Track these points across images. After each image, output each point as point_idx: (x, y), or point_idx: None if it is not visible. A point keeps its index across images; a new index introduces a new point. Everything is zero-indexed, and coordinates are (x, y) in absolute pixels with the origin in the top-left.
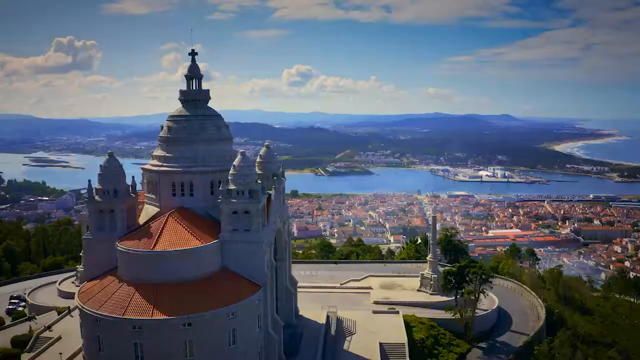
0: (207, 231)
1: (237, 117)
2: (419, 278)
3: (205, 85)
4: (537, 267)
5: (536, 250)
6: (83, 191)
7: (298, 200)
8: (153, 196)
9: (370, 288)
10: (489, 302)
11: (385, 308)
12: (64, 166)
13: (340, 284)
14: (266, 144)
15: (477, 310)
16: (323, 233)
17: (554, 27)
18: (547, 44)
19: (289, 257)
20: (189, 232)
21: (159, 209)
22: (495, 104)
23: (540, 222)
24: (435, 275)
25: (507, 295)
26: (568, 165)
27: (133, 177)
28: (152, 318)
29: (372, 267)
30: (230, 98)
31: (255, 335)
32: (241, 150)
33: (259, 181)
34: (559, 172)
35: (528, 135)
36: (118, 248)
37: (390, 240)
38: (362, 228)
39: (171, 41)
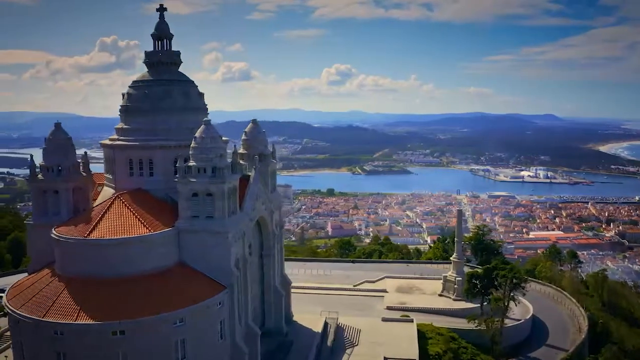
0: (163, 217)
1: (275, 116)
2: (442, 279)
3: (244, 85)
4: (579, 270)
5: (578, 253)
6: None
7: (334, 199)
8: (110, 176)
9: (384, 291)
10: (521, 310)
11: (398, 315)
12: (103, 163)
13: (353, 286)
14: (253, 119)
15: (507, 320)
16: (358, 232)
17: (598, 25)
18: (590, 42)
19: (279, 252)
20: (137, 217)
21: (114, 192)
22: (538, 103)
23: (583, 224)
24: (460, 278)
25: (544, 303)
26: (613, 166)
27: (86, 152)
28: (76, 322)
29: (392, 267)
30: (269, 97)
31: (215, 347)
32: (205, 119)
33: (245, 160)
34: (604, 173)
35: (572, 135)
36: (52, 235)
37: (427, 241)
38: (399, 228)
39: (212, 41)
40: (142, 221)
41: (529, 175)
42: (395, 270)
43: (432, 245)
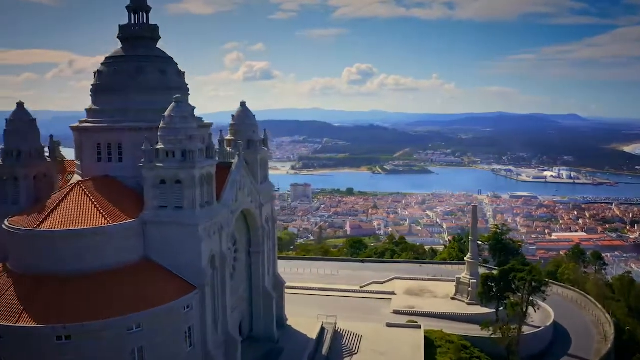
0: (129, 208)
1: (296, 116)
2: (455, 282)
3: (266, 85)
4: (604, 273)
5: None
6: None
7: (353, 198)
8: (78, 162)
9: (392, 293)
10: (541, 316)
11: (405, 320)
12: None
13: (360, 287)
14: (242, 101)
15: (525, 327)
16: (377, 232)
17: (623, 25)
18: (615, 41)
19: (271, 250)
20: (96, 207)
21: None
22: (561, 103)
23: (607, 226)
24: (474, 281)
25: (566, 308)
26: (638, 167)
27: (51, 136)
28: (16, 325)
29: (404, 268)
30: (290, 97)
31: (180, 357)
32: (177, 96)
33: (233, 147)
34: (628, 174)
35: (595, 135)
36: (3, 226)
37: (447, 241)
38: (418, 228)
39: (233, 40)
40: (102, 211)
41: (551, 176)
42: (407, 271)
43: (446, 245)
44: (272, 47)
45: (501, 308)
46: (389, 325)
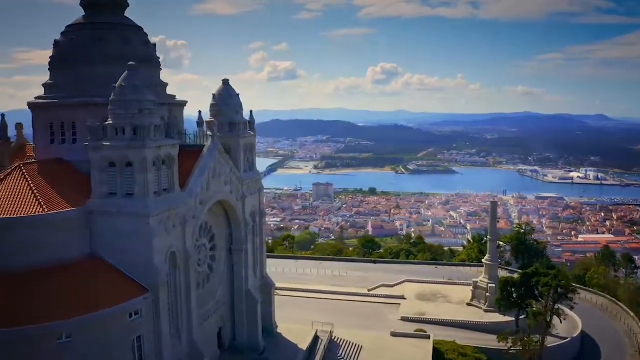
0: (76, 195)
1: (320, 115)
2: (472, 286)
3: (290, 84)
4: (635, 277)
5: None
6: None
7: (375, 198)
8: (33, 144)
9: (402, 298)
10: (567, 325)
11: (413, 328)
12: None
13: (368, 290)
14: (224, 79)
15: (548, 339)
16: (399, 232)
17: None
18: None
19: (258, 247)
20: (34, 193)
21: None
22: (588, 103)
23: (634, 228)
24: (493, 285)
25: (595, 316)
26: None
27: (3, 115)
28: None
29: (418, 269)
30: (314, 96)
31: None
32: (130, 63)
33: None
34: None
35: (623, 135)
36: None
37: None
38: (441, 228)
39: (258, 40)
40: (40, 198)
41: (578, 176)
42: (422, 273)
43: (465, 246)
44: (296, 46)
45: (522, 316)
46: (394, 334)
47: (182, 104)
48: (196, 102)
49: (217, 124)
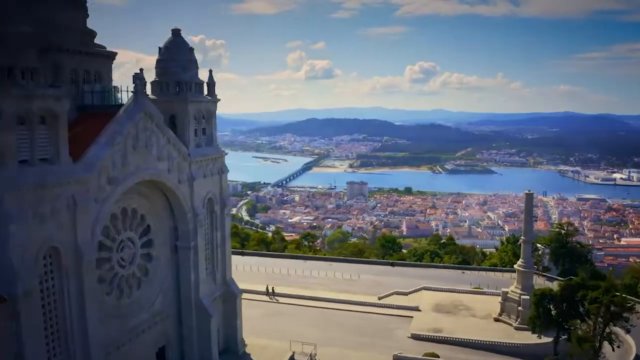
0: None
1: (357, 114)
2: (501, 297)
3: (327, 83)
4: None
5: None
6: None
7: (411, 198)
8: None
9: (417, 309)
10: (619, 350)
11: (425, 349)
12: None
13: (379, 298)
14: (174, 29)
15: None
16: (437, 232)
17: None
18: None
19: (218, 245)
20: None
21: None
22: (632, 103)
23: None
24: (527, 297)
25: None
26: None
27: None
28: None
29: (442, 274)
30: (351, 95)
31: None
32: None
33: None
34: None
35: None
36: None
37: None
38: (478, 230)
39: (296, 39)
40: None
41: (621, 178)
42: (446, 279)
43: (497, 248)
44: (333, 45)
45: (563, 337)
46: (397, 358)
47: (111, 55)
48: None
49: (161, 84)
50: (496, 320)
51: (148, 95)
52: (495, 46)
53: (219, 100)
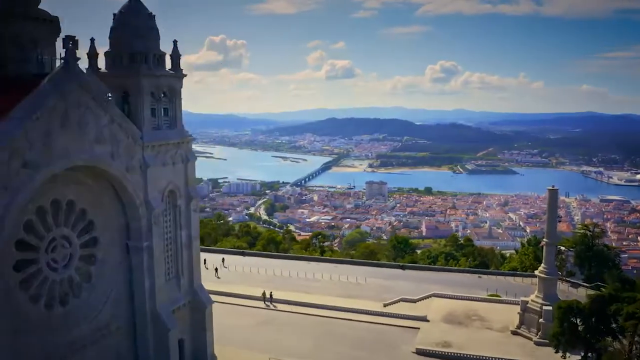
0: None
1: (377, 114)
2: (519, 307)
3: (347, 83)
4: None
5: None
6: (220, 180)
7: (431, 198)
8: None
9: (424, 319)
10: None
11: None
12: (207, 157)
13: (384, 305)
14: None
15: None
16: (455, 233)
17: None
18: None
19: (183, 247)
20: None
21: None
22: None
23: None
24: (549, 308)
25: None
26: None
27: None
28: None
29: (457, 278)
30: (372, 95)
31: None
32: None
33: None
34: None
35: None
36: None
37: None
38: (499, 231)
39: (316, 39)
40: None
41: None
42: (461, 284)
43: (517, 251)
44: (353, 45)
45: (591, 354)
46: None
47: (54, 20)
48: (256, 101)
49: (113, 56)
50: (514, 333)
51: (100, 69)
52: (517, 45)
53: (185, 75)
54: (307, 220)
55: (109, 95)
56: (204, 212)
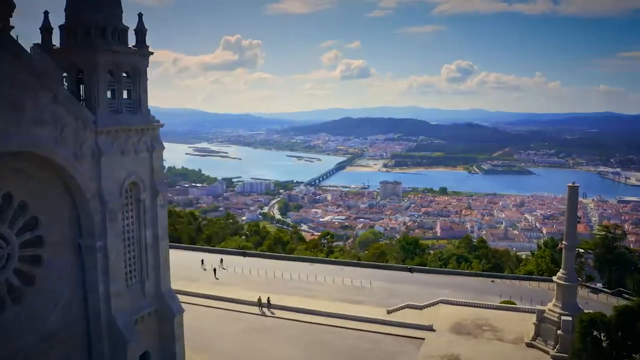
0: None
1: (392, 114)
2: (535, 317)
3: (362, 83)
4: None
5: None
6: (235, 179)
7: (446, 198)
8: None
9: (430, 329)
10: None
11: None
12: (222, 156)
13: (388, 311)
14: None
15: None
16: (470, 234)
17: None
18: None
19: (149, 247)
20: None
21: None
22: None
23: None
24: (569, 319)
25: None
26: None
27: None
28: None
29: (469, 283)
30: (387, 95)
31: None
32: None
33: None
34: None
35: None
36: None
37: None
38: (515, 232)
39: (331, 39)
40: None
41: None
42: (473, 289)
43: (533, 253)
44: (368, 45)
45: None
46: None
47: None
48: (271, 100)
49: (68, 30)
50: (529, 345)
51: (55, 46)
52: (534, 45)
53: (152, 53)
54: (321, 219)
55: (63, 74)
56: (217, 212)
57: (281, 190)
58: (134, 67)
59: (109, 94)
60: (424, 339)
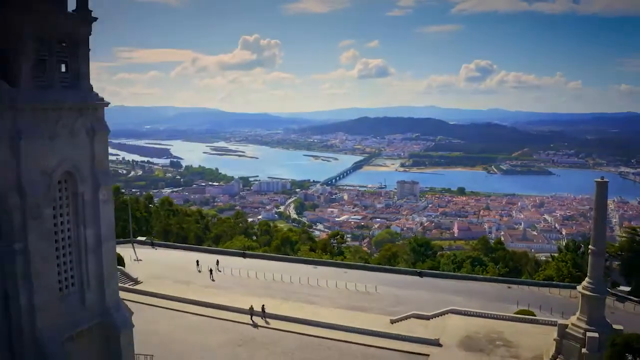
0: None
1: (410, 113)
2: (556, 333)
3: (381, 82)
4: None
5: None
6: (251, 178)
7: (464, 198)
8: None
9: (437, 344)
10: None
11: None
12: (239, 155)
13: (391, 321)
14: None
15: None
16: (488, 235)
17: None
18: None
19: (89, 250)
20: None
21: None
22: None
23: None
24: (595, 335)
25: None
26: None
27: None
28: None
29: (483, 288)
30: (406, 94)
31: None
32: None
33: None
34: None
35: None
36: None
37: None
38: (534, 233)
39: (349, 38)
40: None
41: None
42: (486, 294)
43: (554, 257)
44: (387, 44)
45: None
46: None
47: None
48: (288, 100)
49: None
50: None
51: None
52: (554, 44)
53: (95, 19)
54: (337, 219)
55: None
56: (232, 211)
57: (297, 190)
58: (71, 34)
59: (34, 65)
60: (428, 355)
